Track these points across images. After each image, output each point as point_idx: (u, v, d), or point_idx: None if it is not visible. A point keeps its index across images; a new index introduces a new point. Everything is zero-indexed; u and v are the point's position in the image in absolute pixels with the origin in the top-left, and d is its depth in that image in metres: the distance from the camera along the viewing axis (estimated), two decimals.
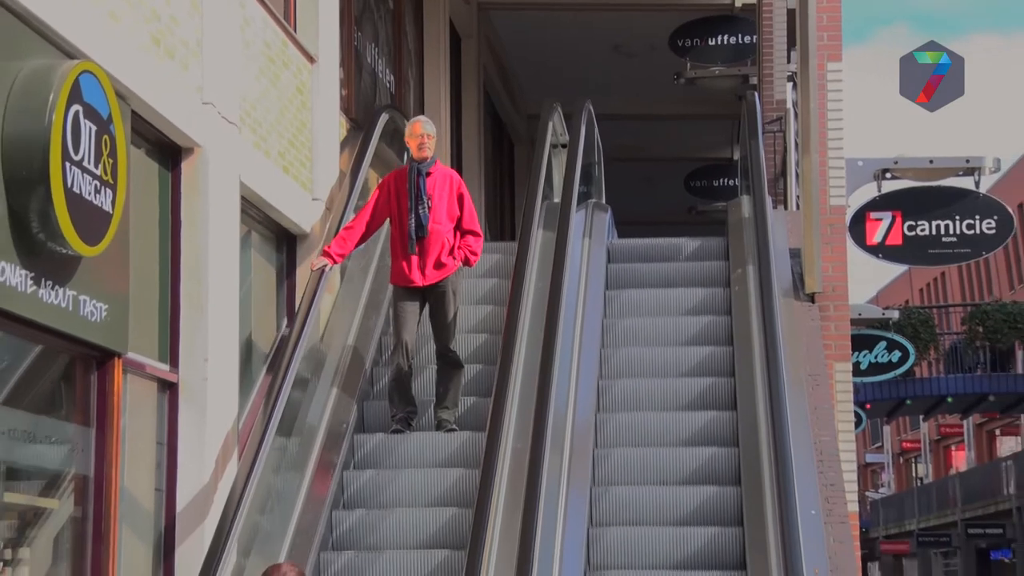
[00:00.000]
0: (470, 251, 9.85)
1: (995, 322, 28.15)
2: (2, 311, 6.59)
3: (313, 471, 9.16)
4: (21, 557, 7.21)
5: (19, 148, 6.60)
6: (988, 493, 46.85)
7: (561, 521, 8.73)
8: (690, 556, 9.03)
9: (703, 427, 9.99)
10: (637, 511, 9.33)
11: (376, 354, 10.62)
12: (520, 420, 8.94)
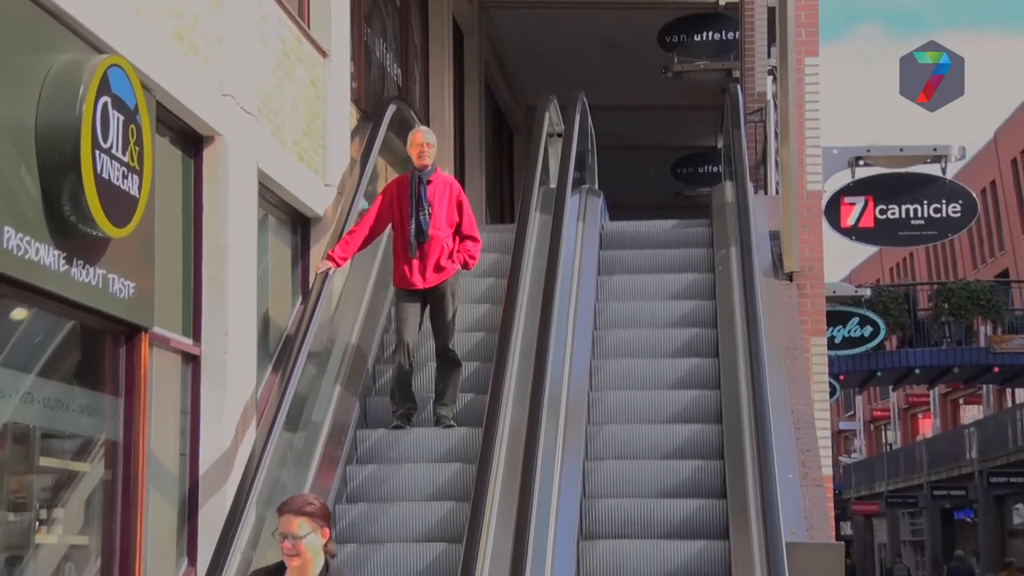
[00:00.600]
0: (469, 255, 9.68)
1: (959, 299, 28.20)
2: (37, 288, 6.64)
3: (318, 464, 9.02)
4: (55, 516, 7.25)
5: (52, 137, 6.63)
6: (952, 458, 46.96)
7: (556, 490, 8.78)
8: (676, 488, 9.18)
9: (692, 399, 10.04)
10: (626, 483, 9.36)
11: (378, 351, 10.48)
12: (519, 387, 8.95)
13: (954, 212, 13.54)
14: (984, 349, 28.38)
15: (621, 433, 9.72)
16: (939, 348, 28.51)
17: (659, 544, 8.76)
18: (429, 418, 9.67)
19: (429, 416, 9.68)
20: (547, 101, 12.64)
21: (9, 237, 6.33)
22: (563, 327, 10.08)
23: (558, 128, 12.68)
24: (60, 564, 7.25)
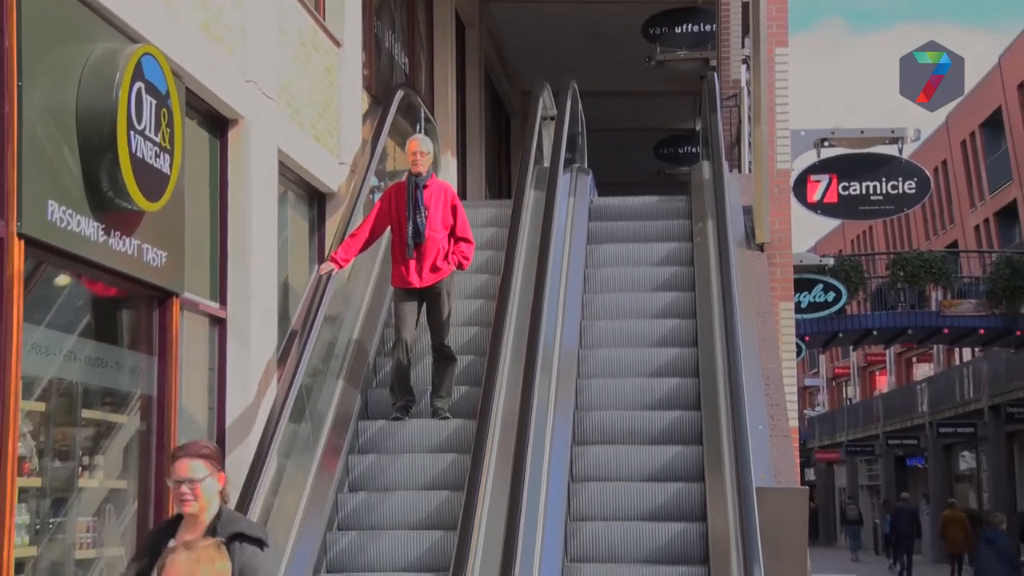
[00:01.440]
0: (463, 256, 9.34)
1: (913, 268, 28.24)
2: (79, 257, 6.65)
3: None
4: (96, 463, 7.27)
5: (91, 120, 6.62)
6: (905, 410, 47.16)
7: (549, 436, 8.79)
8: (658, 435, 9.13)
9: (672, 357, 10.05)
10: (612, 433, 9.37)
11: (379, 345, 10.21)
12: (516, 347, 8.95)
13: (909, 189, 13.55)
14: (935, 313, 28.41)
15: (607, 387, 9.74)
16: (895, 312, 28.56)
17: (642, 486, 8.80)
18: (426, 409, 9.38)
19: (426, 407, 9.40)
20: (541, 87, 12.62)
21: (53, 210, 6.35)
22: (555, 291, 10.07)
23: (551, 112, 12.65)
24: (101, 506, 7.28)
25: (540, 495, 8.29)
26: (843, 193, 13.21)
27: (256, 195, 8.90)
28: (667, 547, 8.34)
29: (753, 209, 11.33)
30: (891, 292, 28.57)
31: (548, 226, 9.97)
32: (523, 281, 9.70)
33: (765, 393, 8.95)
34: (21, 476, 6.23)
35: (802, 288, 21.44)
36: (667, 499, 8.68)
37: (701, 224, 11.28)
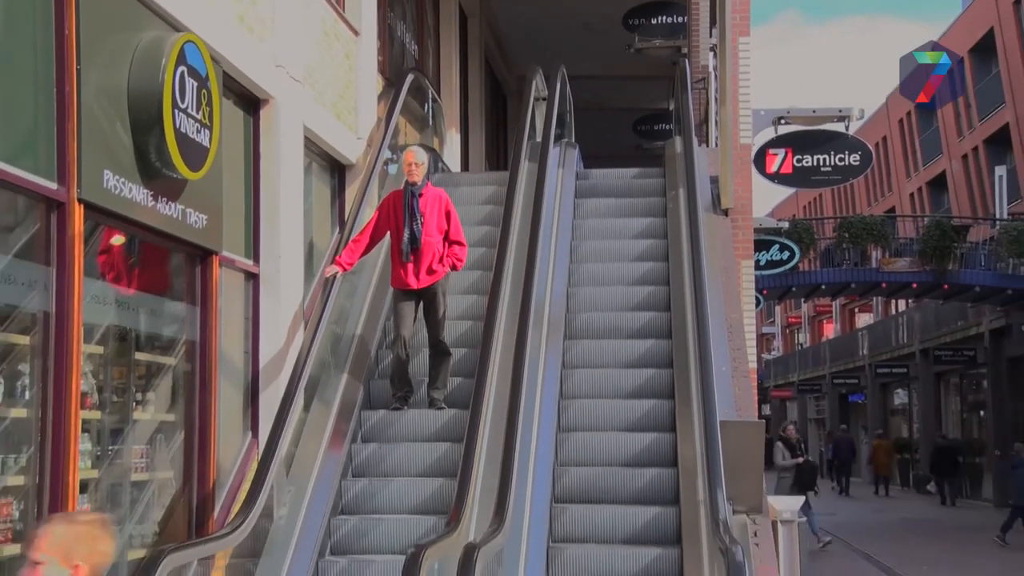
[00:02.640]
0: (456, 259, 8.86)
1: (857, 230, 28.21)
2: (130, 220, 6.65)
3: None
4: (148, 399, 7.28)
5: (141, 99, 6.61)
6: (848, 354, 47.43)
7: (541, 369, 8.81)
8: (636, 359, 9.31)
9: (646, 295, 10.05)
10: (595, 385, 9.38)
11: (381, 337, 9.78)
12: (510, 311, 8.92)
13: (854, 161, 13.57)
14: (875, 269, 28.39)
15: (590, 345, 9.71)
16: (840, 268, 28.53)
17: (620, 403, 8.89)
18: (423, 399, 8.96)
19: (423, 397, 8.97)
20: (534, 72, 12.56)
21: (108, 178, 6.33)
22: (547, 242, 10.06)
23: (543, 93, 12.59)
24: (152, 435, 7.30)
25: (534, 408, 8.35)
26: (797, 165, 13.23)
27: (284, 166, 8.88)
28: (642, 453, 8.41)
29: (719, 179, 11.31)
30: (837, 251, 28.55)
31: (540, 192, 9.95)
32: (519, 236, 9.68)
33: (728, 339, 8.97)
34: (84, 409, 6.26)
35: (761, 248, 21.50)
36: (642, 415, 8.75)
37: (674, 192, 11.26)
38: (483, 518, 7.02)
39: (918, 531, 23.57)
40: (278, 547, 7.53)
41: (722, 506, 6.63)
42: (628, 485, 8.20)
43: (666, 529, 7.78)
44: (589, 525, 7.88)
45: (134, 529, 7.04)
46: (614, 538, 7.80)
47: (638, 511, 7.91)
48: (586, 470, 8.34)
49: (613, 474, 8.28)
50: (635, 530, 7.82)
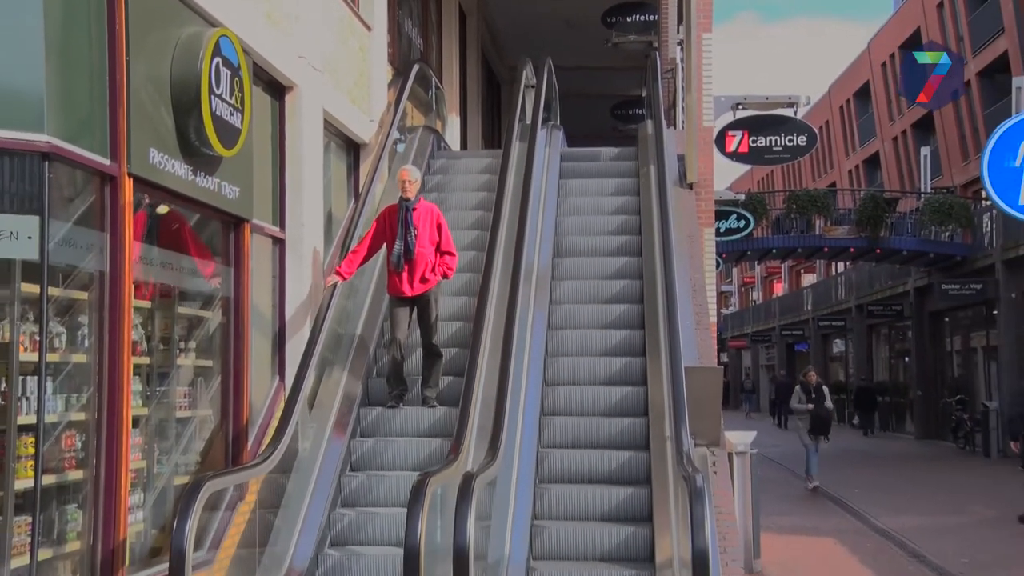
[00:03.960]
0: (447, 268, 8.44)
1: (803, 202, 28.19)
2: (173, 191, 6.62)
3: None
4: (189, 347, 7.28)
5: (182, 86, 6.56)
6: (795, 309, 47.60)
7: (530, 321, 8.83)
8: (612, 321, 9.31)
9: (621, 265, 10.04)
10: (577, 318, 9.40)
11: (379, 336, 9.18)
12: (504, 262, 8.93)
13: (801, 142, 13.53)
14: (818, 236, 28.40)
15: (574, 286, 9.75)
16: (789, 235, 28.52)
17: (598, 360, 8.88)
18: (417, 396, 8.50)
19: (417, 395, 8.51)
20: (524, 63, 12.49)
21: (153, 155, 6.30)
22: (536, 212, 10.01)
23: (532, 82, 12.52)
24: (193, 379, 7.30)
25: (524, 349, 8.40)
26: (752, 145, 13.19)
27: (306, 145, 8.83)
28: (615, 406, 8.43)
29: (685, 156, 11.27)
30: (786, 220, 28.52)
31: (530, 167, 9.91)
32: (511, 206, 9.65)
33: (692, 296, 8.97)
34: (134, 356, 6.26)
35: (720, 217, 21.50)
36: (618, 368, 8.76)
37: (646, 168, 11.22)
38: (479, 457, 7.03)
39: (851, 460, 23.74)
40: (305, 466, 7.63)
41: (686, 440, 6.67)
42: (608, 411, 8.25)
43: (638, 464, 7.82)
44: (572, 456, 7.92)
45: (179, 459, 7.05)
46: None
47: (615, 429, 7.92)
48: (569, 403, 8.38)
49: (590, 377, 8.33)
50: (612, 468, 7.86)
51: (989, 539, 11.89)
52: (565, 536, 7.17)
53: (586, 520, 7.41)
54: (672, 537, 6.81)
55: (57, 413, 5.73)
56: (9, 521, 5.38)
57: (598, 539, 7.15)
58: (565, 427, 8.20)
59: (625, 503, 7.45)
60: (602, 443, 8.06)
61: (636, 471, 7.73)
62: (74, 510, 5.85)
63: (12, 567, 5.39)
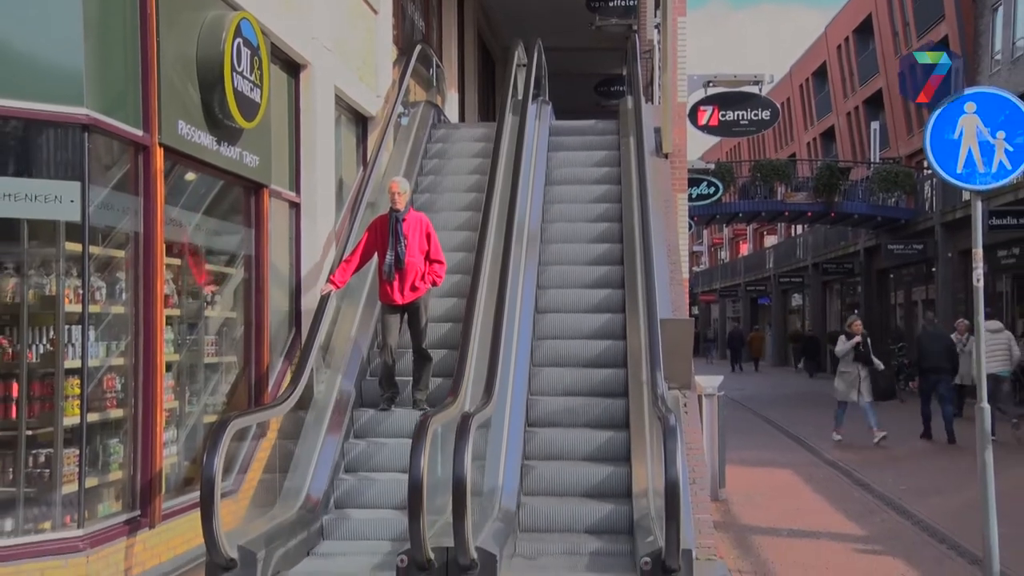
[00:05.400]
0: (436, 276, 7.88)
1: (766, 171, 28.10)
2: (199, 160, 6.58)
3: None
4: (216, 300, 7.27)
5: (207, 64, 6.51)
6: (758, 267, 47.63)
7: (521, 279, 8.82)
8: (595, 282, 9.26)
9: (603, 230, 10.02)
10: (564, 279, 9.39)
11: (372, 338, 8.57)
12: (498, 225, 8.91)
13: (765, 116, 13.46)
14: (780, 201, 28.33)
15: (560, 248, 9.72)
16: (753, 200, 28.48)
17: (581, 317, 8.89)
18: (408, 398, 7.99)
19: (408, 396, 8.00)
20: (516, 44, 12.37)
21: (181, 127, 6.26)
22: (527, 179, 9.95)
23: (523, 61, 12.41)
24: (220, 328, 7.30)
25: (516, 306, 8.37)
26: (722, 119, 13.12)
27: (319, 118, 8.76)
28: (599, 357, 8.44)
29: (661, 129, 11.21)
30: (752, 187, 28.45)
31: (521, 137, 9.86)
32: (504, 174, 9.62)
33: (667, 255, 8.98)
34: (166, 308, 6.25)
35: (693, 184, 21.43)
36: (601, 324, 8.77)
37: (626, 139, 11.17)
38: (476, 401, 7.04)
39: (803, 401, 23.91)
40: (320, 405, 7.63)
41: (661, 384, 6.70)
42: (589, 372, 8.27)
43: (618, 410, 7.87)
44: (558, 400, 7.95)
45: (207, 400, 7.07)
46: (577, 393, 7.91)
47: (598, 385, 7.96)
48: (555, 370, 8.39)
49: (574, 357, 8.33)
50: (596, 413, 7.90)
51: (925, 469, 12.03)
52: (553, 474, 7.22)
53: (572, 460, 7.44)
54: (647, 472, 6.86)
55: (99, 358, 5.74)
56: (59, 453, 5.41)
57: (582, 477, 7.19)
58: (553, 376, 8.22)
59: (606, 445, 7.49)
60: (586, 391, 8.10)
61: (616, 416, 7.78)
62: (116, 444, 5.88)
63: (63, 493, 5.44)
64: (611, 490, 7.09)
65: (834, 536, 8.04)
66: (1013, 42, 25.21)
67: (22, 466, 5.39)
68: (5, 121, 5.39)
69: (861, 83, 37.65)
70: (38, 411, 5.45)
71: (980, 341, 6.56)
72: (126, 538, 5.74)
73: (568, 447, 7.51)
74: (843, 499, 9.94)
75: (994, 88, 6.92)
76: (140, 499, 5.95)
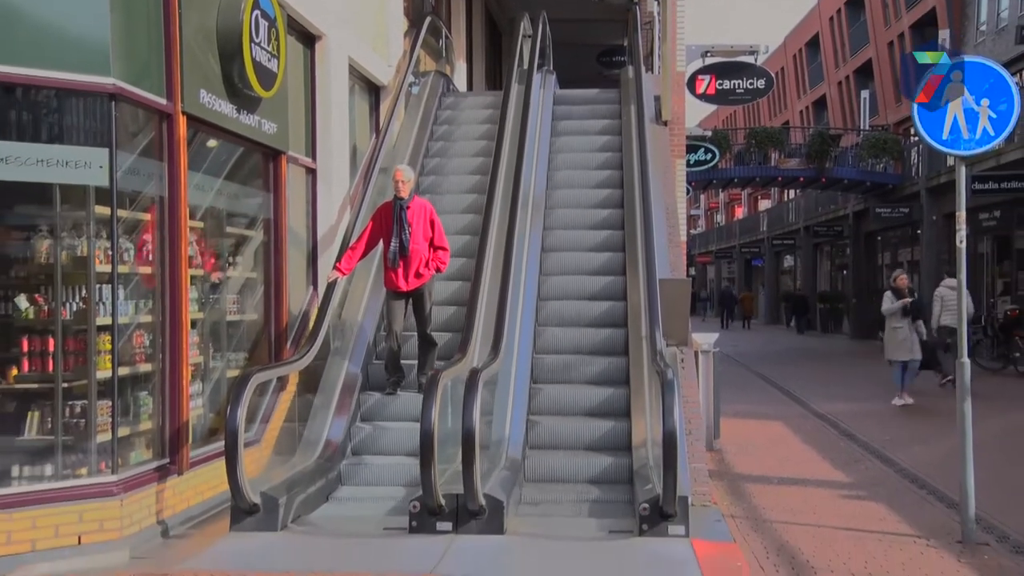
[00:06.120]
0: (440, 262, 7.60)
1: (761, 138, 27.89)
2: (220, 128, 6.56)
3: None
4: (238, 260, 7.28)
5: (227, 35, 6.46)
6: (752, 230, 47.50)
7: (526, 242, 8.82)
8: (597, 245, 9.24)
9: (605, 196, 9.99)
10: (567, 242, 9.38)
11: (379, 321, 8.29)
12: (504, 191, 8.87)
13: (760, 85, 13.32)
14: (773, 167, 28.16)
15: (565, 213, 9.68)
16: (748, 166, 28.31)
17: (584, 279, 8.87)
18: (413, 381, 7.77)
19: (413, 380, 7.78)
20: (522, 15, 12.26)
21: (203, 96, 6.23)
22: (532, 142, 9.90)
23: (529, 32, 12.30)
24: (242, 287, 7.33)
25: (522, 268, 8.37)
26: (719, 87, 12.99)
27: (334, 87, 8.70)
28: (601, 317, 8.45)
29: (660, 98, 11.13)
30: (746, 153, 28.24)
31: (527, 105, 9.82)
32: (510, 140, 9.58)
33: (665, 219, 8.96)
34: (191, 268, 6.27)
35: (690, 151, 21.30)
36: (603, 285, 8.77)
37: (627, 107, 11.09)
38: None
39: (793, 357, 23.97)
40: (337, 359, 7.66)
41: (659, 340, 6.72)
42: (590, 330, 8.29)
43: (618, 368, 7.89)
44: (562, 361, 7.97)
45: (230, 355, 7.11)
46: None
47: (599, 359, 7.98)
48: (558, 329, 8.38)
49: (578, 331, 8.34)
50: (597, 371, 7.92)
51: (907, 421, 12.10)
52: (557, 428, 7.24)
53: (575, 415, 7.46)
54: (647, 425, 6.91)
55: (128, 316, 5.77)
56: (93, 404, 5.47)
57: (584, 430, 7.22)
58: (557, 336, 8.23)
59: (607, 400, 7.52)
60: (588, 350, 8.11)
61: (617, 374, 7.80)
62: (145, 396, 5.93)
63: (98, 441, 5.51)
64: (612, 443, 7.12)
65: (821, 483, 8.11)
66: (998, 13, 24.93)
67: (60, 416, 5.46)
68: (37, 91, 5.38)
69: (852, 54, 37.36)
70: (73, 365, 5.50)
71: (962, 298, 6.55)
72: (156, 484, 5.82)
73: (571, 403, 7.54)
74: (830, 449, 10.01)
75: (979, 57, 6.87)
76: (169, 448, 6.01)
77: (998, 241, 22.95)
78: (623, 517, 6.04)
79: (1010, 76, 6.72)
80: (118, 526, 5.39)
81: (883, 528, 6.48)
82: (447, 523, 5.70)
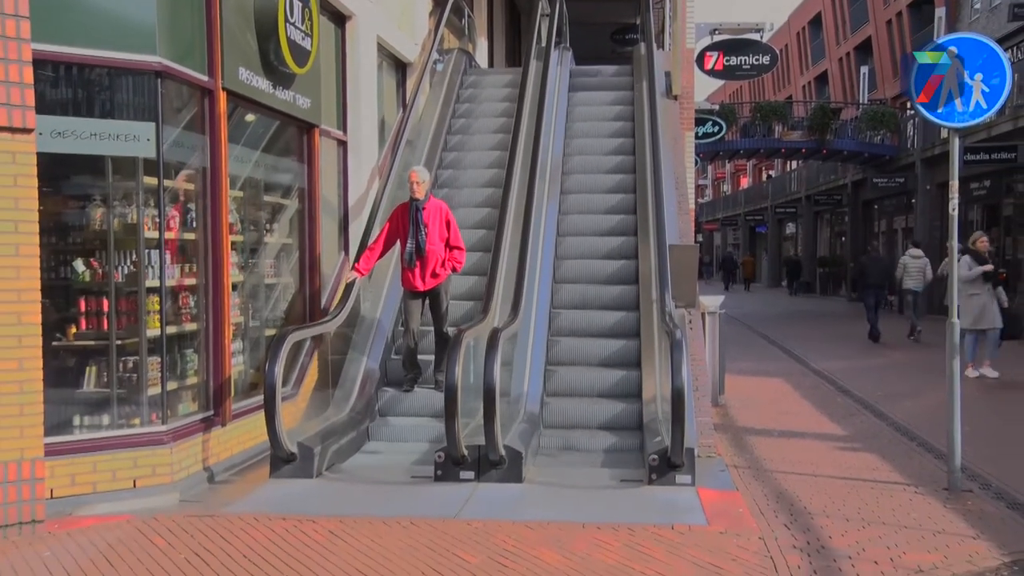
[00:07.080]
0: (456, 262, 7.24)
1: (766, 111, 27.56)
2: (258, 102, 6.54)
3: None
4: (274, 228, 7.31)
5: (263, 15, 6.44)
6: (757, 199, 47.08)
7: (544, 206, 8.79)
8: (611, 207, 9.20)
9: (617, 163, 9.91)
10: (583, 205, 9.33)
11: (396, 316, 8.00)
12: (523, 160, 8.84)
13: (765, 61, 13.12)
14: (777, 139, 27.86)
15: (580, 179, 9.62)
16: (753, 138, 28.01)
17: (598, 240, 8.85)
18: (429, 377, 7.48)
19: (429, 376, 7.49)
20: None
21: (242, 72, 6.21)
22: (550, 116, 9.84)
23: (547, 11, 12.16)
24: (279, 253, 7.36)
25: (540, 230, 8.33)
26: (726, 63, 12.81)
27: (363, 64, 8.67)
28: (613, 275, 8.43)
29: (671, 73, 11.00)
30: (752, 126, 27.94)
31: (544, 80, 9.73)
32: (529, 114, 9.50)
33: (675, 187, 8.90)
34: (232, 235, 6.30)
35: (699, 123, 21.04)
36: (615, 246, 8.74)
37: (639, 83, 10.97)
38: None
39: (792, 317, 23.87)
40: (367, 321, 7.67)
41: (669, 302, 6.71)
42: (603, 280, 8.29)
43: (630, 323, 7.89)
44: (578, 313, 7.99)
45: (268, 316, 7.17)
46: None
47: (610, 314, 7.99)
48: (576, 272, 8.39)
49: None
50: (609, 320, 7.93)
51: (900, 377, 12.05)
52: (572, 377, 7.30)
53: (589, 366, 7.51)
54: (656, 380, 6.93)
55: (175, 279, 5.82)
56: (144, 360, 5.54)
57: (598, 380, 7.27)
58: (572, 292, 8.24)
59: (620, 352, 7.54)
60: (601, 305, 8.12)
61: (629, 327, 7.82)
62: (191, 353, 6.00)
63: (149, 394, 5.59)
64: (623, 391, 7.18)
65: (818, 436, 8.12)
66: None
67: (114, 371, 5.54)
68: (91, 69, 5.39)
69: (852, 31, 36.88)
70: (125, 324, 5.57)
71: (953, 264, 6.48)
72: (202, 434, 5.90)
73: (586, 354, 7.57)
74: (827, 404, 10.00)
75: (973, 33, 6.76)
76: (213, 401, 6.09)
77: (987, 209, 22.70)
78: (634, 467, 6.08)
79: (1003, 52, 6.61)
80: (169, 472, 5.48)
81: (876, 477, 6.49)
82: (470, 472, 5.76)
